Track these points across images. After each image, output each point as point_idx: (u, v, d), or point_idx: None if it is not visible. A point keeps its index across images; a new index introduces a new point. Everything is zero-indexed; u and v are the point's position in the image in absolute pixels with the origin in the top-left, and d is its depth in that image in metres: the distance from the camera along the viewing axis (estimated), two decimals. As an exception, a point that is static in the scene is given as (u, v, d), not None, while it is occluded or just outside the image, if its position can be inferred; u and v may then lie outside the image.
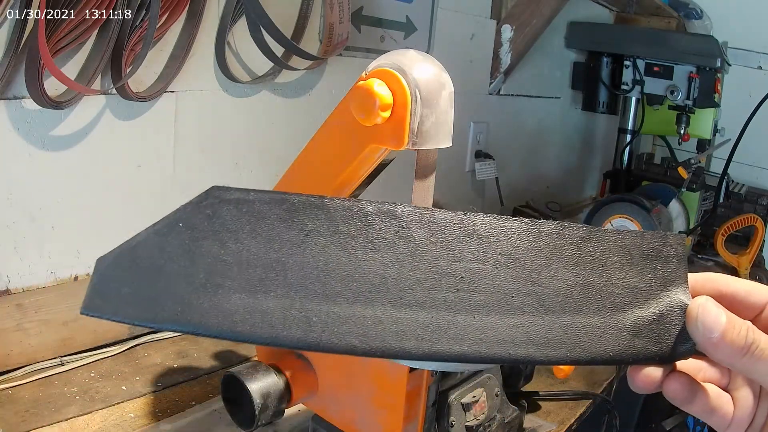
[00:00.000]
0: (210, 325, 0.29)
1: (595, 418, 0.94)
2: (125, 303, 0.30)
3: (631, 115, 1.81)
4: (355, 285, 0.30)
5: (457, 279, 0.31)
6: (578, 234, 0.33)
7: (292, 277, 0.30)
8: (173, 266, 0.30)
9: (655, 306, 0.34)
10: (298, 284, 0.30)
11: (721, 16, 2.20)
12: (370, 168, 0.54)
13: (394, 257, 0.31)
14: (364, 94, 0.47)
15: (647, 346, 0.34)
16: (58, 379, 0.78)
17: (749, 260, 1.52)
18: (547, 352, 0.31)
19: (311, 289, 0.30)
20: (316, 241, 0.30)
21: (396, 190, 1.33)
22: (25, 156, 0.76)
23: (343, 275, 0.30)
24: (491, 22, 1.55)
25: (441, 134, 0.49)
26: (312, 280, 0.30)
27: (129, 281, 0.31)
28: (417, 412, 0.54)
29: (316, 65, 1.07)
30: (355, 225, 0.31)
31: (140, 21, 0.77)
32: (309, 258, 0.30)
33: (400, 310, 0.30)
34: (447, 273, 0.31)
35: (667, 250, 0.35)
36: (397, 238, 0.31)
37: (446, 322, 0.30)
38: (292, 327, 0.29)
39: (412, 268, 0.31)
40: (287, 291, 0.30)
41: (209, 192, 0.31)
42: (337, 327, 0.29)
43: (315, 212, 0.31)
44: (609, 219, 1.41)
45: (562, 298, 0.32)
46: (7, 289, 0.78)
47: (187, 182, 0.95)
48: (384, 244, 0.31)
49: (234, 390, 0.59)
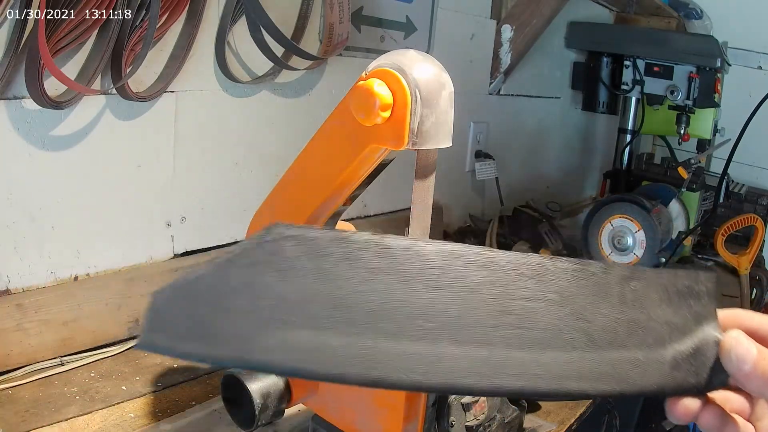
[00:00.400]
0: (275, 363, 0.29)
1: (595, 418, 0.94)
2: (184, 339, 0.30)
3: (631, 115, 1.81)
4: (419, 323, 0.30)
5: (514, 317, 0.32)
6: (621, 273, 0.35)
7: (357, 314, 0.30)
8: (235, 302, 0.30)
9: (691, 340, 0.36)
10: (363, 321, 0.30)
11: (721, 16, 2.20)
12: (370, 168, 0.54)
13: (456, 296, 0.32)
14: (364, 94, 0.47)
15: (686, 378, 0.35)
16: (58, 379, 0.78)
17: (749, 260, 1.52)
18: (598, 386, 0.32)
19: (376, 327, 0.30)
20: (380, 280, 0.31)
21: (396, 190, 1.33)
22: (25, 156, 0.76)
23: (407, 314, 0.31)
24: (491, 22, 1.55)
25: (441, 134, 0.49)
26: (377, 318, 0.30)
27: (188, 317, 0.30)
28: (417, 411, 0.54)
29: (316, 65, 1.07)
30: (417, 265, 0.32)
31: (140, 21, 0.77)
32: (373, 296, 0.31)
33: (462, 347, 0.31)
34: (505, 311, 0.32)
35: (699, 287, 0.37)
36: (458, 278, 0.32)
37: (505, 358, 0.31)
38: (358, 364, 0.29)
39: (473, 306, 0.32)
40: (353, 328, 0.30)
41: (271, 228, 0.31)
42: (402, 364, 0.30)
43: (378, 252, 0.31)
44: (609, 219, 1.41)
45: (609, 334, 0.34)
46: (7, 289, 0.78)
47: (187, 182, 0.95)
48: (445, 284, 0.32)
49: (234, 390, 0.59)
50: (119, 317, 0.87)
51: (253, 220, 0.63)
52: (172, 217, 0.95)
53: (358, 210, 1.29)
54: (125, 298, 0.87)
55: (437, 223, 1.51)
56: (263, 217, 0.63)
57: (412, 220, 0.51)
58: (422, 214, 0.51)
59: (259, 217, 0.63)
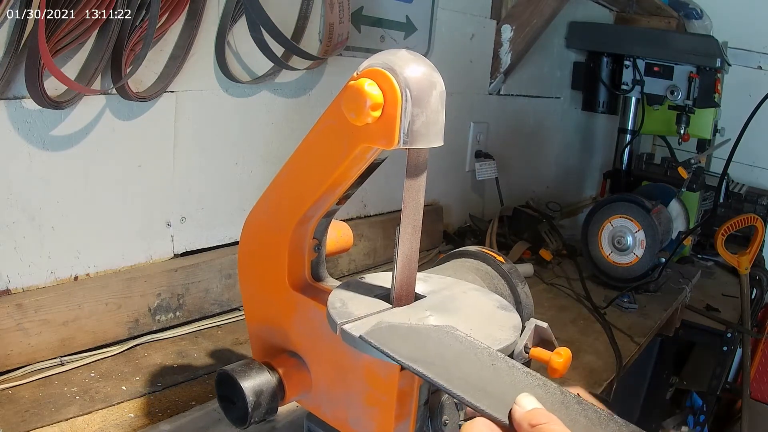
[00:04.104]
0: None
1: (594, 418, 0.94)
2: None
3: (631, 115, 1.81)
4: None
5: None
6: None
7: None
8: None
9: None
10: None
11: (721, 16, 2.21)
12: (362, 167, 0.54)
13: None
14: (355, 94, 0.47)
15: None
16: (58, 379, 0.78)
17: (749, 260, 1.52)
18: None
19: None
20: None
21: (395, 190, 1.33)
22: (25, 156, 0.76)
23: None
24: (491, 22, 1.55)
25: (432, 133, 0.49)
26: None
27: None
28: (409, 410, 0.54)
29: (316, 65, 1.07)
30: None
31: (140, 21, 0.77)
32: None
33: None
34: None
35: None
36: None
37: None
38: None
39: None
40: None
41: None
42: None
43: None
44: (609, 219, 1.42)
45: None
46: (7, 289, 0.78)
47: (187, 182, 0.96)
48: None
49: (228, 387, 0.59)
50: (119, 317, 0.87)
51: (248, 219, 0.64)
52: (172, 217, 0.95)
53: (358, 210, 1.29)
54: (125, 298, 0.87)
55: (437, 223, 1.51)
56: (257, 216, 0.63)
57: (403, 219, 0.51)
58: (413, 213, 0.51)
59: (254, 216, 0.63)
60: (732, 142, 1.33)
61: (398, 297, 0.53)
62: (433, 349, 0.47)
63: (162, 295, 0.92)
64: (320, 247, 0.63)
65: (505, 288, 0.66)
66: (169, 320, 0.93)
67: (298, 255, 0.61)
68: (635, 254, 1.39)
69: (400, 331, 0.50)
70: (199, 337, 0.94)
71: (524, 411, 0.39)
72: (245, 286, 0.66)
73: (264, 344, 0.66)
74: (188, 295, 0.95)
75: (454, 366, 0.45)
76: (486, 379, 0.43)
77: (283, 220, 0.59)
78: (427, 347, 0.47)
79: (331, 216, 0.62)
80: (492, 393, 0.42)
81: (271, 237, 0.61)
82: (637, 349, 1.14)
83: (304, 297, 0.60)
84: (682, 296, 1.47)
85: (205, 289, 0.98)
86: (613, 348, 1.10)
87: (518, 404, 0.40)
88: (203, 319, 0.98)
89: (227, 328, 0.98)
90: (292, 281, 0.61)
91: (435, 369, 0.44)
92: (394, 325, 0.50)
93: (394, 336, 0.49)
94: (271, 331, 0.64)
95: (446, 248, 1.50)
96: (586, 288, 1.35)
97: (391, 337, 0.48)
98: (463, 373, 0.44)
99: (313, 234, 0.62)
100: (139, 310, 0.89)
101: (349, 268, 1.25)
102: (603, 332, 1.17)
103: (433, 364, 0.45)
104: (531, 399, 0.40)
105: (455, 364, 0.45)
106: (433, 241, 1.50)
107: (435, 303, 0.55)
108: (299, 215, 0.57)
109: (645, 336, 1.19)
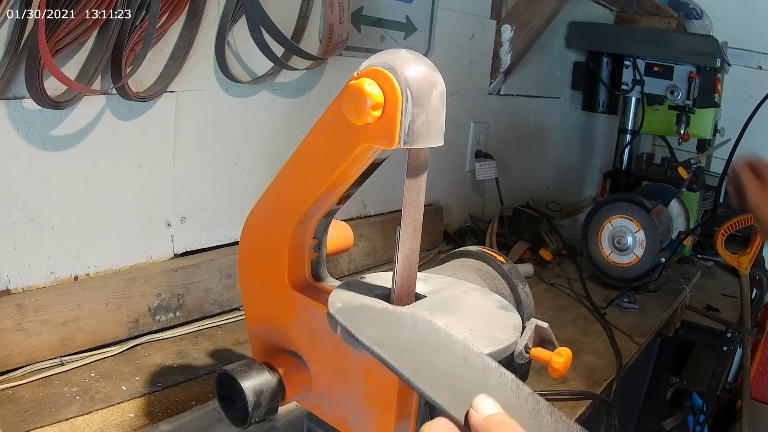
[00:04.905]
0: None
1: (595, 418, 0.94)
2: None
3: (631, 115, 1.81)
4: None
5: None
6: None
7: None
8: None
9: None
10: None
11: (721, 16, 2.20)
12: (363, 167, 0.54)
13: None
14: (355, 94, 0.47)
15: None
16: (58, 379, 0.78)
17: (749, 260, 1.52)
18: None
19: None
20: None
21: (396, 190, 1.33)
22: (25, 156, 0.76)
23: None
24: (491, 22, 1.55)
25: (432, 133, 0.49)
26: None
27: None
28: (409, 410, 0.54)
29: (316, 65, 1.07)
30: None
31: (140, 21, 0.77)
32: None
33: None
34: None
35: None
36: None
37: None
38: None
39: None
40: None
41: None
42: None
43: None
44: (609, 219, 1.42)
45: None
46: (7, 289, 0.78)
47: (187, 182, 0.96)
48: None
49: (228, 387, 0.59)
50: (119, 317, 0.87)
51: (248, 218, 0.64)
52: (172, 217, 0.95)
53: (358, 210, 1.29)
54: (125, 298, 0.87)
55: (437, 223, 1.51)
56: (257, 215, 0.63)
57: (403, 219, 0.51)
58: (414, 213, 0.51)
59: (254, 215, 0.63)
60: (732, 142, 1.32)
61: (399, 297, 0.53)
62: (405, 337, 0.45)
63: (162, 295, 0.92)
64: (320, 247, 0.63)
65: (505, 288, 0.66)
66: (169, 320, 0.93)
67: (299, 255, 0.61)
68: (635, 254, 1.39)
69: (371, 313, 0.48)
70: (199, 337, 0.94)
71: (481, 417, 0.36)
72: (245, 286, 0.66)
73: (264, 344, 0.66)
74: (188, 295, 0.95)
75: (423, 356, 0.42)
76: (455, 375, 0.40)
77: (283, 219, 0.59)
78: (398, 334, 0.45)
79: (331, 216, 0.62)
80: (458, 390, 0.39)
81: (271, 237, 0.61)
82: (637, 349, 1.14)
83: (304, 297, 0.60)
84: (682, 296, 1.47)
85: (205, 289, 0.98)
86: (613, 348, 1.10)
87: (474, 408, 0.37)
88: (203, 319, 0.98)
89: (227, 328, 0.98)
90: (292, 281, 0.61)
91: (400, 357, 0.41)
92: (368, 306, 0.49)
93: (366, 318, 0.47)
94: (271, 331, 0.64)
95: (446, 248, 1.50)
96: (586, 288, 1.35)
97: (362, 319, 0.47)
98: (431, 366, 0.41)
99: (313, 234, 0.62)
100: (139, 310, 0.89)
101: (349, 268, 1.25)
102: (603, 332, 1.17)
103: (399, 351, 0.42)
104: (488, 402, 0.37)
105: (425, 355, 0.42)
106: (433, 241, 1.50)
107: (435, 303, 0.55)
108: (299, 215, 0.57)
109: (645, 336, 1.19)
